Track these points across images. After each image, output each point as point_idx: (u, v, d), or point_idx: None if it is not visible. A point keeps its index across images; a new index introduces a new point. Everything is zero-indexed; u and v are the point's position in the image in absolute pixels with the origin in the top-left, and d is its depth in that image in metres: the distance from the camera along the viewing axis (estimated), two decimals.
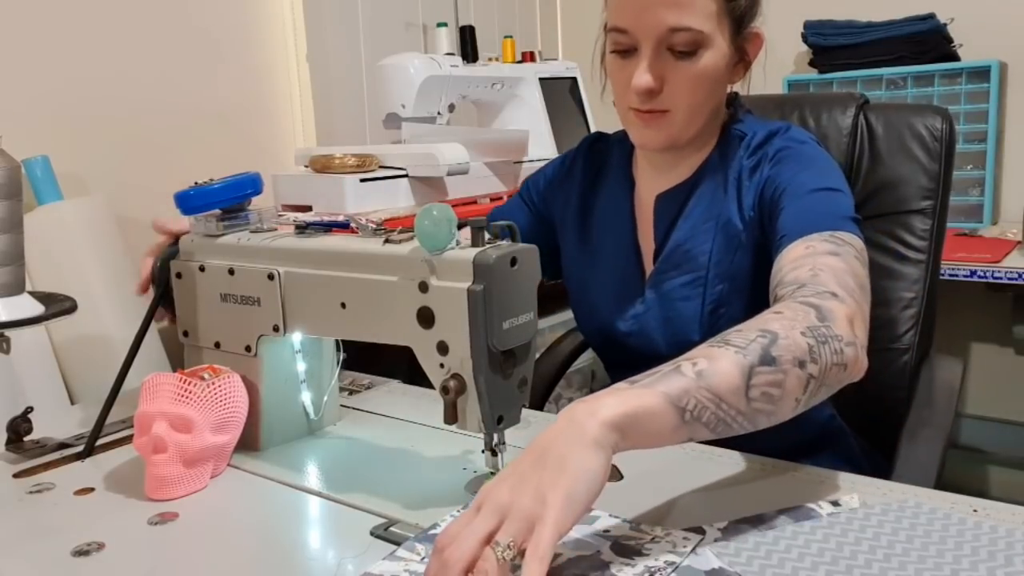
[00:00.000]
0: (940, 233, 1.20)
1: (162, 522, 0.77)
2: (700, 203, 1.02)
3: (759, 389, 0.68)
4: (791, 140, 0.99)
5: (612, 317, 1.07)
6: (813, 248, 0.84)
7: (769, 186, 0.95)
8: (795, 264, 0.83)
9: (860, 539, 0.67)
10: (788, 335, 0.70)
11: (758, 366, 0.68)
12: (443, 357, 0.76)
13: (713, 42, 0.93)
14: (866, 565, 0.63)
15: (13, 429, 0.94)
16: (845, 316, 0.75)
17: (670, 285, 1.03)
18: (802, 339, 0.70)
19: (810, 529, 0.69)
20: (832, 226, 0.86)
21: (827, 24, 2.35)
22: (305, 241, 0.87)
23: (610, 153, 1.15)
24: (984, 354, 2.34)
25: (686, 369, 0.67)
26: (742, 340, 0.69)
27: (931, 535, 0.67)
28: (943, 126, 1.19)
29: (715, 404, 0.66)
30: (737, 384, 0.67)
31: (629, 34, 0.94)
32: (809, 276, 0.79)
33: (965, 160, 2.22)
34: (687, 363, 0.68)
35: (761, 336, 0.70)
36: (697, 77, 0.94)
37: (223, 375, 0.86)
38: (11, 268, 0.94)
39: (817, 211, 0.89)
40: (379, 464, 0.90)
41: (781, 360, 0.69)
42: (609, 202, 1.12)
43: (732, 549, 0.65)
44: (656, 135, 0.98)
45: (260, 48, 2.12)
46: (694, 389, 0.66)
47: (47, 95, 1.70)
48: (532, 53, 2.24)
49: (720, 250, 0.99)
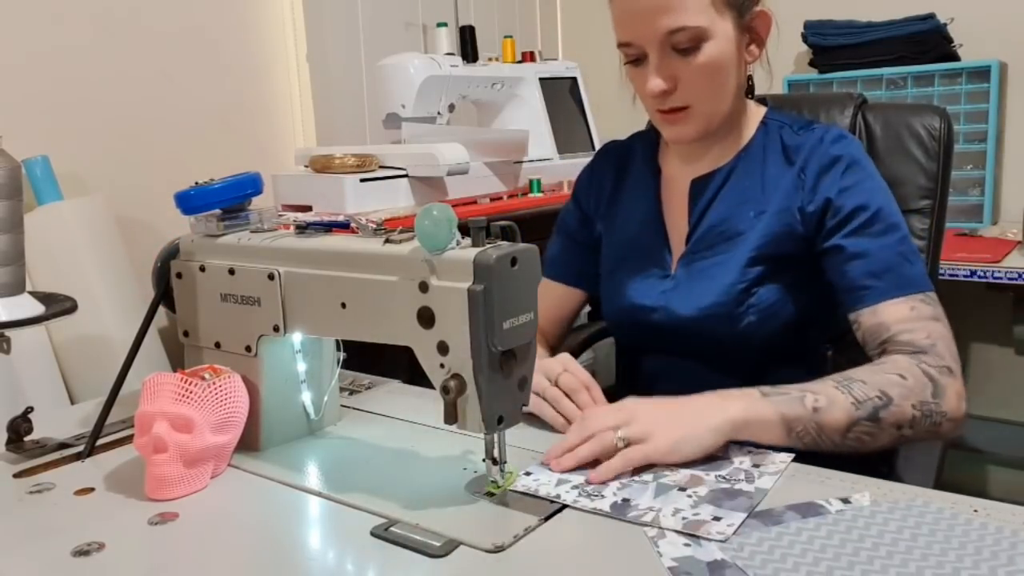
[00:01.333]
0: (939, 232, 1.20)
1: (162, 522, 0.77)
2: (737, 186, 1.06)
3: (856, 435, 0.85)
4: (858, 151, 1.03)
5: (638, 294, 1.10)
6: (917, 311, 0.94)
7: (840, 198, 0.99)
8: (906, 326, 0.93)
9: (864, 536, 0.67)
10: (900, 404, 0.86)
11: (864, 420, 0.85)
12: (443, 357, 0.76)
13: (714, 32, 0.97)
14: (868, 562, 0.63)
15: (13, 429, 0.94)
16: (956, 394, 0.90)
17: (703, 264, 1.06)
18: (911, 411, 0.87)
19: (815, 526, 0.69)
20: (924, 285, 0.96)
21: (827, 24, 2.35)
22: (305, 241, 0.87)
23: (631, 149, 1.19)
24: (984, 354, 2.34)
25: (808, 401, 0.85)
26: (861, 395, 0.86)
27: (935, 534, 0.68)
28: (941, 125, 1.19)
29: (817, 434, 0.85)
30: (841, 428, 0.85)
31: (634, 45, 0.99)
32: (928, 344, 0.92)
33: (965, 160, 2.22)
34: (811, 396, 0.85)
35: (879, 398, 0.86)
36: (706, 69, 0.98)
37: (224, 375, 0.86)
38: (11, 268, 0.94)
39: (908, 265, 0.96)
40: (379, 464, 0.90)
41: (884, 422, 0.86)
42: (636, 192, 1.16)
43: (736, 544, 0.66)
44: (684, 130, 1.03)
45: (260, 48, 2.12)
46: (806, 419, 0.84)
47: (47, 95, 1.70)
48: (532, 53, 2.25)
49: (764, 233, 1.02)
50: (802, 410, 0.84)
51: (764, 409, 0.84)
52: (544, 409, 0.94)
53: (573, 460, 0.82)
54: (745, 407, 0.83)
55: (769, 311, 1.02)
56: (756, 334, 1.02)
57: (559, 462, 0.82)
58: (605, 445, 0.81)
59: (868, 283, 0.96)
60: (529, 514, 0.75)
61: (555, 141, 2.16)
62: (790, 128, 1.07)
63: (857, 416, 0.85)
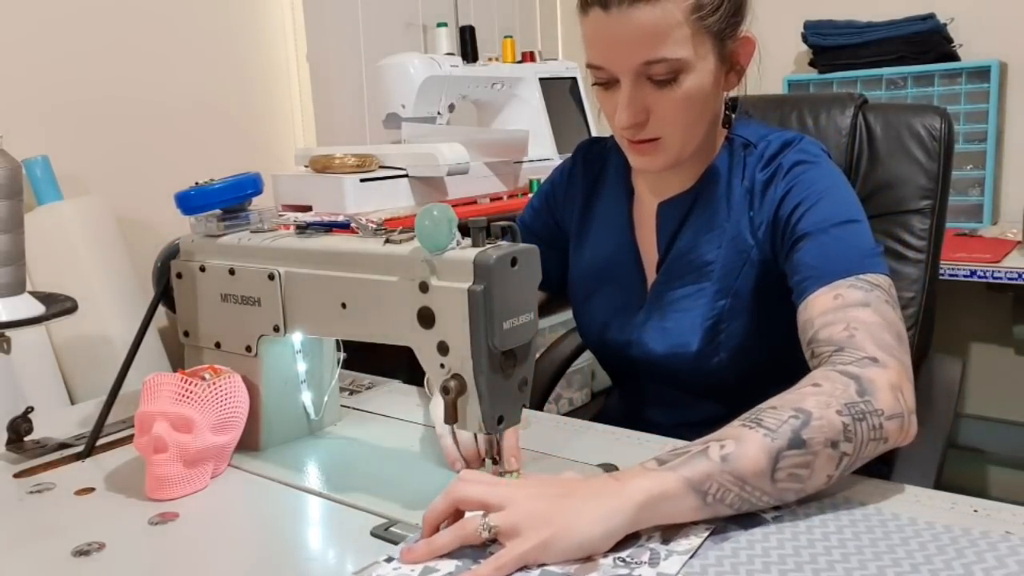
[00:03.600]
0: (939, 233, 1.20)
1: (162, 522, 0.77)
2: (703, 212, 1.02)
3: (786, 471, 0.69)
4: (805, 153, 0.97)
5: (611, 326, 1.07)
6: (843, 298, 0.82)
7: (785, 207, 0.93)
8: (826, 319, 0.82)
9: (813, 540, 0.67)
10: (823, 415, 0.70)
11: (786, 450, 0.69)
12: (443, 357, 0.76)
13: (694, 65, 0.90)
14: (828, 568, 0.63)
15: (13, 429, 0.94)
16: (888, 385, 0.74)
17: (672, 296, 1.02)
18: (837, 418, 0.71)
19: (763, 535, 0.69)
20: (857, 267, 0.85)
21: (827, 24, 2.35)
22: (305, 241, 0.87)
23: (607, 159, 1.14)
24: (984, 354, 2.34)
25: (713, 452, 0.68)
26: (774, 422, 0.70)
27: (874, 531, 0.68)
28: (942, 126, 1.19)
29: (739, 487, 0.68)
30: (763, 468, 0.68)
31: (605, 70, 0.93)
32: (845, 337, 0.79)
33: (965, 160, 2.22)
34: (715, 445, 0.69)
35: (794, 417, 0.70)
36: (681, 102, 0.92)
37: (224, 375, 0.86)
38: (11, 268, 0.94)
39: (840, 250, 0.87)
40: (379, 464, 0.90)
41: (812, 442, 0.69)
42: (608, 211, 1.11)
43: (698, 567, 0.65)
44: (652, 161, 0.97)
45: (260, 48, 2.12)
46: (717, 474, 0.67)
47: (47, 95, 1.70)
48: (532, 53, 2.25)
49: (726, 263, 0.99)
50: (708, 464, 0.67)
51: (664, 480, 0.67)
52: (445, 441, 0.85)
53: (426, 552, 0.66)
54: (642, 486, 0.66)
55: (738, 349, 0.98)
56: (727, 371, 0.99)
57: (411, 552, 0.66)
58: (468, 533, 0.66)
59: (801, 276, 0.87)
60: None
61: (555, 141, 2.16)
62: (753, 146, 1.00)
63: (776, 447, 0.68)
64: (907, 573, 0.62)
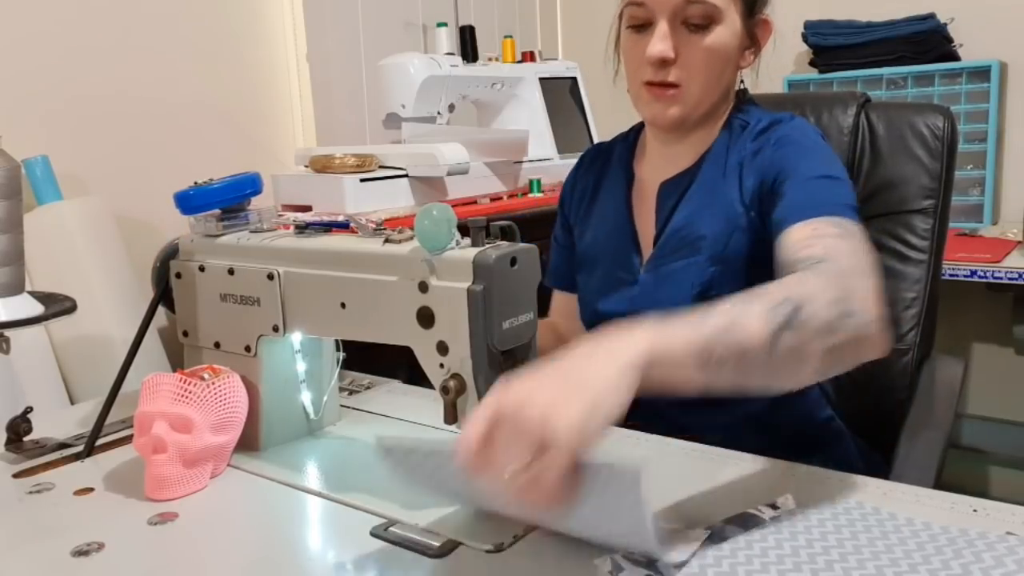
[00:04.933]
0: (942, 233, 1.20)
1: (162, 522, 0.77)
2: (700, 189, 1.04)
3: (782, 352, 0.68)
4: (795, 128, 1.00)
5: (607, 299, 1.09)
6: (819, 230, 0.83)
7: (771, 170, 0.96)
8: (804, 244, 0.82)
9: (811, 540, 0.67)
10: (812, 303, 0.70)
11: (784, 329, 0.68)
12: (443, 357, 0.76)
13: (726, 17, 0.97)
14: (827, 567, 0.63)
15: (13, 429, 0.94)
16: (869, 293, 0.74)
17: (667, 269, 1.04)
18: (826, 311, 0.70)
19: (760, 536, 0.69)
20: (836, 212, 0.86)
21: (827, 24, 2.35)
22: (305, 241, 0.87)
23: (611, 152, 1.18)
24: (984, 354, 2.34)
25: (713, 319, 0.67)
26: (768, 301, 0.69)
27: (871, 530, 0.69)
28: (944, 125, 1.19)
29: (738, 355, 0.66)
30: (763, 339, 0.67)
31: (646, 7, 0.97)
32: (823, 254, 0.79)
33: (965, 160, 2.22)
34: (715, 313, 0.68)
35: (787, 300, 0.70)
36: (709, 51, 0.97)
37: (223, 375, 0.86)
38: (11, 268, 0.93)
39: (819, 197, 0.89)
40: (379, 464, 0.89)
41: (806, 328, 0.69)
42: (608, 196, 1.14)
43: (696, 568, 0.65)
44: (666, 109, 1.01)
45: (260, 48, 2.12)
46: (718, 339, 0.66)
47: (47, 95, 1.70)
48: (532, 53, 2.25)
49: (717, 233, 1.00)
50: (710, 329, 0.66)
51: (666, 338, 0.64)
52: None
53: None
54: (642, 341, 0.64)
55: None
56: None
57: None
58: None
59: (781, 217, 0.89)
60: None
61: (555, 141, 2.16)
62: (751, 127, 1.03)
63: (775, 323, 0.68)
64: (905, 573, 0.62)
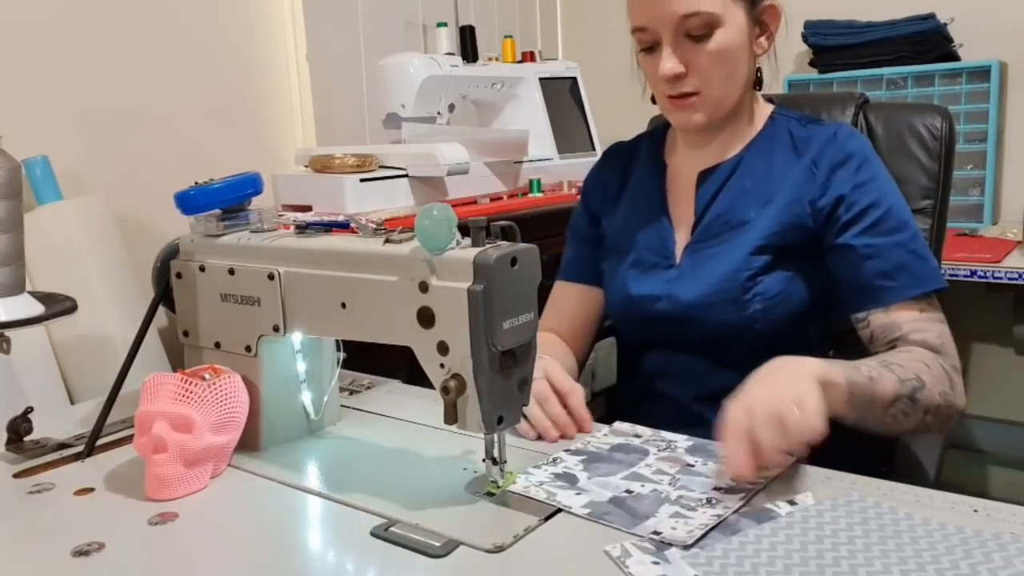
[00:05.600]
0: (940, 233, 1.20)
1: (162, 522, 0.77)
2: (744, 177, 1.08)
3: (895, 412, 0.89)
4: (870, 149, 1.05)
5: (640, 283, 1.11)
6: (928, 312, 0.98)
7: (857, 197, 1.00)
8: (917, 326, 0.97)
9: (821, 537, 0.68)
10: (931, 390, 0.91)
11: (905, 397, 0.89)
12: (443, 357, 0.76)
13: (726, 20, 1.00)
14: (834, 563, 0.64)
15: (13, 429, 0.94)
16: (962, 392, 0.95)
17: (707, 253, 1.07)
18: (937, 399, 0.91)
19: (771, 530, 0.69)
20: (934, 281, 0.98)
21: (827, 24, 2.35)
22: (305, 241, 0.87)
23: (637, 150, 1.21)
24: (984, 354, 2.34)
25: (863, 371, 0.87)
26: (903, 374, 0.89)
27: (884, 529, 0.69)
28: (943, 125, 1.19)
29: (869, 402, 0.87)
30: (888, 400, 0.88)
31: (648, 30, 1.02)
32: (939, 344, 0.96)
33: (965, 160, 2.22)
34: (864, 367, 0.88)
35: (915, 380, 0.90)
36: (717, 55, 1.00)
37: (224, 375, 0.86)
38: (11, 268, 0.93)
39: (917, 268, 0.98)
40: (379, 464, 0.90)
41: (919, 404, 0.90)
42: (640, 186, 1.17)
43: (703, 558, 0.65)
44: (692, 116, 1.05)
45: (260, 48, 2.12)
46: (863, 387, 0.86)
47: (47, 95, 1.70)
48: (532, 53, 2.25)
49: (772, 223, 1.03)
50: (860, 377, 0.85)
51: (834, 371, 0.83)
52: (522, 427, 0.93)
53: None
54: (820, 366, 0.82)
55: (775, 300, 1.03)
56: (760, 321, 1.03)
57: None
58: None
59: (880, 283, 0.97)
60: (529, 514, 0.74)
61: (555, 141, 2.16)
62: (797, 122, 1.09)
63: (901, 392, 0.88)
64: (913, 571, 0.62)
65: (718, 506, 0.74)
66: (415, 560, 0.69)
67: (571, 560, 0.69)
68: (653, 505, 0.75)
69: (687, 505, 0.74)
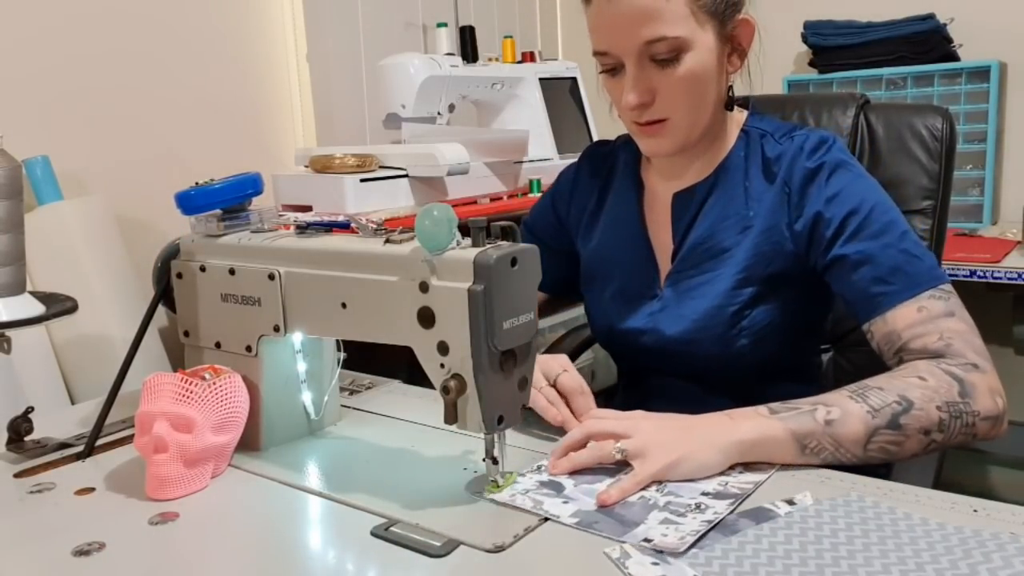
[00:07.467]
0: (940, 233, 1.20)
1: (162, 522, 0.77)
2: (720, 200, 1.03)
3: (878, 445, 0.81)
4: (844, 155, 0.99)
5: (623, 316, 1.08)
6: (927, 310, 0.89)
7: (833, 209, 0.95)
8: (916, 331, 0.89)
9: (820, 537, 0.68)
10: (924, 407, 0.82)
11: (884, 429, 0.81)
12: (443, 357, 0.76)
13: (694, 43, 0.93)
14: (834, 563, 0.64)
15: (13, 429, 0.94)
16: (988, 390, 0.85)
17: (689, 283, 1.03)
18: (936, 413, 0.82)
19: (770, 531, 0.69)
20: (932, 278, 0.91)
21: (827, 24, 2.35)
22: (305, 241, 0.87)
23: (616, 158, 1.16)
24: None
25: (819, 415, 0.81)
26: (878, 401, 0.82)
27: (884, 528, 0.69)
28: (943, 126, 1.19)
29: (834, 448, 0.81)
30: (859, 438, 0.81)
31: (610, 55, 0.96)
32: (943, 347, 0.87)
33: (965, 160, 2.22)
34: (822, 408, 0.82)
35: (897, 403, 0.82)
36: (685, 80, 0.94)
37: (224, 375, 0.86)
38: (11, 268, 0.94)
39: (910, 267, 0.91)
40: (379, 464, 0.90)
41: (907, 428, 0.81)
42: (618, 205, 1.12)
43: (703, 559, 0.65)
44: (661, 143, 1.00)
45: (260, 48, 2.12)
46: (819, 434, 0.81)
47: (47, 95, 1.70)
48: (532, 53, 2.25)
49: (752, 252, 0.99)
50: (813, 424, 0.80)
51: (773, 427, 0.80)
52: (538, 400, 0.91)
53: (569, 464, 0.82)
54: (754, 427, 0.80)
55: (762, 333, 1.00)
56: (749, 355, 1.00)
57: (556, 464, 0.82)
58: (603, 453, 0.81)
59: (875, 290, 0.91)
60: (529, 514, 0.74)
61: (555, 141, 2.16)
62: (771, 137, 1.02)
63: (875, 425, 0.80)
64: (912, 571, 0.62)
65: (708, 512, 0.73)
66: (415, 560, 0.69)
67: (571, 560, 0.69)
68: (642, 512, 0.73)
69: (676, 511, 0.73)
